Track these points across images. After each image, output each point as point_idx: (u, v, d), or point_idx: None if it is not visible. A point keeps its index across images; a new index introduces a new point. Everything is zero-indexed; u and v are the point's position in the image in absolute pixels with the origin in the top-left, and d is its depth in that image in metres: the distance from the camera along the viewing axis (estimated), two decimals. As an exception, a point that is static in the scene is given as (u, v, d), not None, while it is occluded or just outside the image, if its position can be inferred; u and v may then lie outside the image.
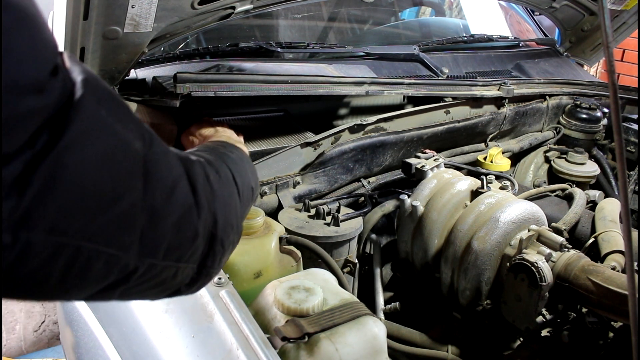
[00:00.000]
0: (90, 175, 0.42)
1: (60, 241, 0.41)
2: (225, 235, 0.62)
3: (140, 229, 0.48)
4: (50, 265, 0.42)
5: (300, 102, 1.49)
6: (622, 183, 0.58)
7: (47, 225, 0.40)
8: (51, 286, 0.44)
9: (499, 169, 1.60)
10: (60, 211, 0.41)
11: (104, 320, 0.93)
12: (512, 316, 1.10)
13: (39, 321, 2.58)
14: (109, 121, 0.45)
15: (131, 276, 0.49)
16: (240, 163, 0.79)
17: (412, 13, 2.74)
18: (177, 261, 0.54)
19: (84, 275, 0.45)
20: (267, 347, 0.70)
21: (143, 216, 0.47)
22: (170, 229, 0.51)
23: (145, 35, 1.05)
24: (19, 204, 0.38)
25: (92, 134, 0.42)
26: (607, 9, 0.56)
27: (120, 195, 0.45)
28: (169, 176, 0.52)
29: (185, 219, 0.53)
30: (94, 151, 0.43)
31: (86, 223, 0.43)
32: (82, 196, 0.42)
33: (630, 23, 2.13)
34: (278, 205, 1.27)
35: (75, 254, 0.43)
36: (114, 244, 0.46)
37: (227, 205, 0.64)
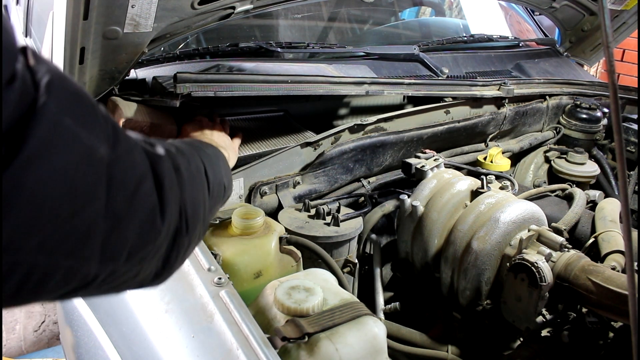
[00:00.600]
0: (50, 192, 0.39)
1: (14, 259, 0.38)
2: (192, 228, 0.61)
3: (102, 236, 0.45)
4: (5, 281, 0.39)
5: (300, 102, 1.49)
6: (622, 183, 0.58)
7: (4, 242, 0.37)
8: (5, 299, 0.41)
9: (499, 169, 1.60)
10: (15, 230, 0.38)
11: (104, 320, 0.93)
12: (512, 316, 1.10)
13: (39, 321, 2.58)
14: (73, 129, 0.41)
15: (91, 283, 0.47)
16: (214, 159, 0.78)
17: (412, 13, 2.74)
18: (139, 262, 0.52)
19: (40, 289, 0.42)
20: (267, 347, 0.70)
21: (105, 224, 0.45)
22: (132, 233, 0.49)
23: (145, 35, 1.05)
24: None
25: (54, 147, 0.39)
26: (607, 9, 0.56)
27: (82, 208, 0.42)
28: (133, 177, 0.49)
29: (149, 220, 0.51)
30: (56, 165, 0.39)
31: (43, 239, 0.40)
32: (39, 214, 0.39)
33: (630, 23, 2.13)
34: (278, 205, 1.27)
35: (30, 270, 0.40)
36: (73, 256, 0.43)
37: (196, 198, 0.63)
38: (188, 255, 0.64)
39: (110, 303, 0.91)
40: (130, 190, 0.48)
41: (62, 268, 0.42)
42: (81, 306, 1.02)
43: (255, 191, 1.23)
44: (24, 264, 0.39)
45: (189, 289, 0.81)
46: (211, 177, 0.72)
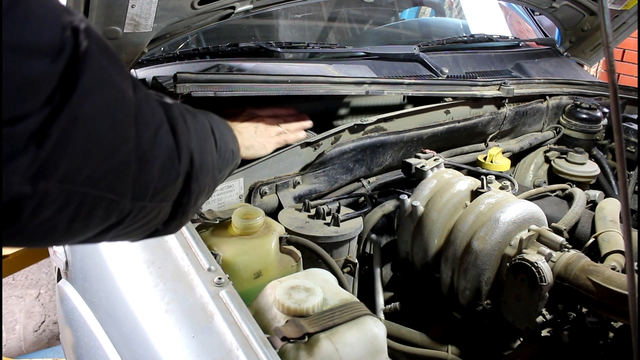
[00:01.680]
0: (97, 126, 0.45)
1: (71, 189, 0.45)
2: (202, 175, 0.65)
3: (133, 174, 0.51)
4: (61, 212, 0.45)
5: (300, 102, 1.49)
6: (622, 183, 0.58)
7: (60, 175, 0.43)
8: (60, 232, 0.47)
9: (499, 169, 1.60)
10: (72, 161, 0.44)
11: (104, 320, 0.93)
12: (512, 316, 1.10)
13: (39, 321, 2.58)
14: (109, 71, 0.47)
15: (125, 219, 0.53)
16: (220, 124, 0.82)
17: (412, 13, 2.74)
18: (161, 202, 0.58)
19: (88, 221, 0.49)
20: (267, 347, 0.70)
21: (135, 163, 0.51)
22: (156, 173, 0.55)
23: (145, 35, 1.05)
24: (37, 156, 0.40)
25: (98, 86, 0.45)
26: (607, 9, 0.56)
27: (120, 144, 0.48)
28: (153, 120, 0.54)
29: (169, 161, 0.57)
30: (100, 102, 0.45)
31: (92, 171, 0.46)
32: (90, 145, 0.45)
33: (630, 23, 2.13)
34: (278, 205, 1.27)
35: (82, 200, 0.46)
36: (113, 190, 0.49)
37: (203, 148, 0.68)
38: (199, 204, 0.69)
39: (111, 303, 0.91)
40: (152, 132, 0.54)
41: (105, 200, 0.49)
42: (81, 306, 1.02)
43: (255, 191, 1.23)
44: (77, 195, 0.45)
45: (189, 289, 0.81)
46: (217, 136, 0.76)
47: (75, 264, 1.09)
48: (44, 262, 2.78)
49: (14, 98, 0.38)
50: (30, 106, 0.39)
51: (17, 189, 0.40)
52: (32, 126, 0.39)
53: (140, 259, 0.88)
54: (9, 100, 0.38)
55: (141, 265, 0.87)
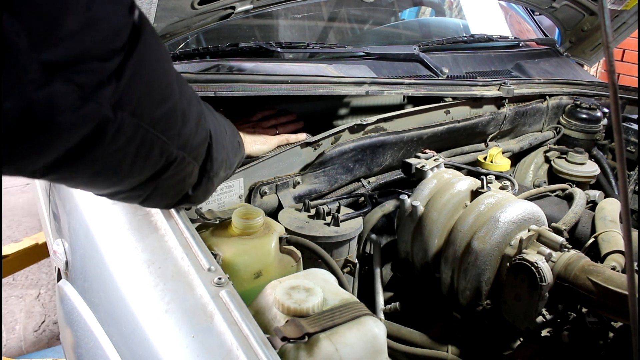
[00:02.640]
0: (155, 72, 0.58)
1: (138, 123, 0.56)
2: (219, 148, 0.77)
3: (179, 125, 0.63)
4: (130, 143, 0.57)
5: (300, 102, 1.49)
6: (622, 183, 0.58)
7: (132, 108, 0.55)
8: (126, 165, 0.59)
9: (499, 169, 1.60)
10: (140, 98, 0.56)
11: (104, 320, 0.93)
12: (512, 316, 1.10)
13: (39, 321, 2.58)
14: (157, 36, 0.60)
15: (170, 165, 0.65)
16: (225, 120, 0.93)
17: (412, 13, 2.75)
18: (194, 159, 0.70)
19: (147, 157, 0.61)
20: (267, 347, 0.70)
21: (180, 115, 0.63)
22: (192, 130, 0.67)
23: (145, 35, 1.05)
24: (117, 88, 0.52)
25: (153, 42, 0.57)
26: (607, 9, 0.56)
27: (169, 94, 0.61)
28: (187, 87, 0.68)
29: (199, 123, 0.70)
30: (156, 54, 0.58)
31: (152, 111, 0.58)
32: (150, 88, 0.57)
33: (630, 23, 2.13)
34: (278, 205, 1.27)
35: (145, 136, 0.58)
36: (165, 134, 0.61)
37: (216, 128, 0.79)
38: (220, 175, 0.83)
39: (111, 303, 0.91)
40: (188, 96, 0.67)
41: (160, 141, 0.61)
42: (81, 306, 1.02)
43: (255, 191, 1.23)
44: (142, 129, 0.57)
45: (189, 289, 0.81)
46: (228, 129, 0.88)
47: (75, 264, 1.09)
48: (44, 262, 2.78)
49: (107, 40, 0.50)
50: (115, 47, 0.51)
51: (105, 113, 0.52)
52: (115, 64, 0.51)
53: (140, 259, 0.88)
54: (105, 40, 0.50)
55: (141, 265, 0.87)
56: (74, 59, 0.48)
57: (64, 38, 0.46)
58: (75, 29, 0.47)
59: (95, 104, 0.50)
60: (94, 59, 0.49)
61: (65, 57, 0.47)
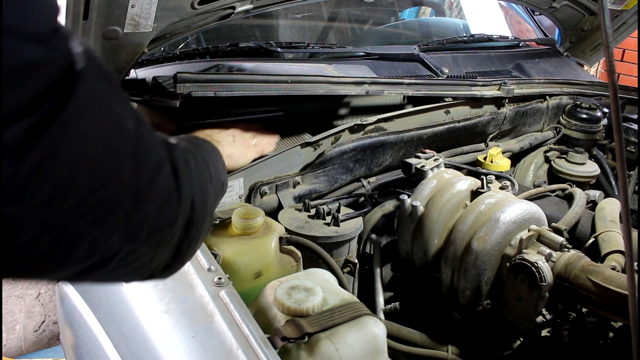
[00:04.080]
0: (88, 152, 0.41)
1: (50, 218, 0.40)
2: (201, 221, 0.62)
3: (125, 211, 0.46)
4: (37, 242, 0.40)
5: (300, 102, 1.49)
6: (622, 183, 0.58)
7: (40, 200, 0.38)
8: (33, 264, 0.42)
9: (499, 169, 1.60)
10: (55, 187, 0.39)
11: (104, 320, 0.93)
12: (512, 316, 1.10)
13: (39, 321, 2.58)
14: (108, 96, 0.43)
15: (112, 260, 0.48)
16: (213, 155, 0.79)
17: (412, 13, 2.75)
18: (156, 246, 0.53)
19: (67, 256, 0.44)
20: (267, 347, 0.70)
21: (129, 199, 0.46)
22: (153, 213, 0.50)
23: (145, 35, 1.05)
24: (15, 175, 0.36)
25: (93, 108, 0.41)
26: (607, 9, 0.56)
27: (112, 176, 0.44)
28: (155, 158, 0.50)
29: (167, 203, 0.52)
30: (94, 126, 0.41)
31: (78, 202, 0.41)
32: (77, 173, 0.40)
33: (630, 23, 2.13)
34: (278, 205, 1.27)
35: (62, 232, 0.41)
36: (100, 226, 0.44)
37: (204, 192, 0.64)
38: (197, 248, 0.65)
39: (111, 303, 0.91)
40: (152, 170, 0.49)
41: (90, 236, 0.44)
42: (81, 306, 1.02)
43: (255, 191, 1.23)
44: (57, 225, 0.40)
45: (189, 289, 0.81)
46: (213, 173, 0.72)
47: (75, 264, 1.09)
48: (44, 262, 2.78)
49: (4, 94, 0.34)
50: (7, 109, 0.34)
51: None
52: (14, 137, 0.35)
53: (140, 259, 0.88)
54: None
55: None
56: None
57: None
58: None
59: None
60: None
61: None
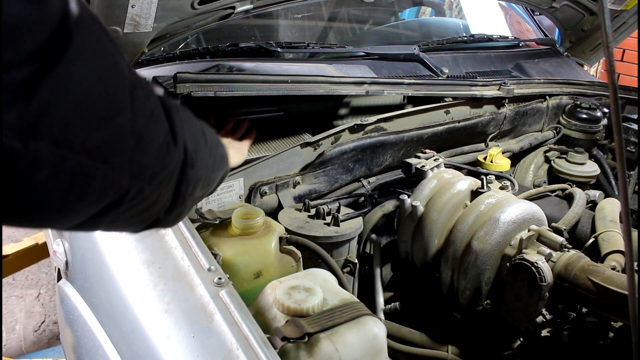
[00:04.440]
0: (91, 89, 0.44)
1: (65, 154, 0.42)
2: (197, 164, 0.65)
3: (130, 150, 0.49)
4: (56, 178, 0.43)
5: (300, 102, 1.49)
6: (622, 183, 0.58)
7: (53, 136, 0.41)
8: (55, 204, 0.45)
9: (499, 169, 1.60)
10: (65, 123, 0.41)
11: (104, 320, 0.93)
12: (512, 316, 1.10)
13: (39, 321, 2.58)
14: (104, 40, 0.46)
15: (123, 198, 0.51)
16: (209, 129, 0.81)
17: (412, 13, 2.75)
18: (159, 185, 0.56)
19: (84, 193, 0.47)
20: (267, 347, 0.70)
21: (131, 138, 0.49)
22: (153, 154, 0.53)
23: (145, 35, 1.05)
24: (25, 110, 0.38)
25: (92, 50, 0.44)
26: (607, 9, 0.56)
27: (114, 114, 0.46)
28: (149, 101, 0.53)
29: (164, 143, 0.55)
30: (94, 67, 0.44)
31: (86, 138, 0.44)
32: (83, 109, 0.43)
33: (630, 23, 2.13)
34: (278, 205, 1.27)
35: (76, 168, 0.44)
36: (109, 163, 0.47)
37: (195, 139, 0.66)
38: (196, 195, 0.68)
39: (111, 303, 0.91)
40: (148, 112, 0.52)
41: (101, 172, 0.47)
42: (81, 306, 1.02)
43: (255, 191, 1.23)
44: (71, 160, 0.43)
45: (189, 289, 0.81)
46: (208, 135, 0.75)
47: (75, 264, 1.09)
48: (44, 262, 2.78)
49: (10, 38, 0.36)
50: (15, 53, 0.37)
51: (7, 143, 0.38)
52: (20, 77, 0.37)
53: (140, 259, 0.88)
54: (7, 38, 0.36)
55: (141, 266, 0.87)
56: None
57: None
58: None
59: None
60: None
61: None
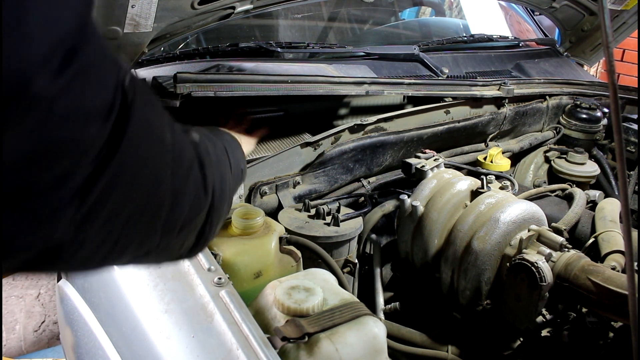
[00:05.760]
0: (140, 174, 0.46)
1: (110, 230, 0.45)
2: (220, 205, 0.66)
3: (166, 212, 0.51)
4: (99, 249, 0.46)
5: (300, 102, 1.49)
6: (622, 183, 0.58)
7: (101, 221, 0.43)
8: (94, 263, 0.49)
9: (499, 169, 1.60)
10: (114, 208, 0.44)
11: (104, 320, 0.93)
12: (512, 316, 1.10)
13: (39, 321, 2.58)
14: (151, 119, 0.47)
15: (153, 251, 0.54)
16: (232, 143, 0.84)
17: (412, 13, 2.75)
18: (187, 235, 0.59)
19: (122, 253, 0.50)
20: (267, 347, 0.70)
21: (168, 200, 0.51)
22: (186, 207, 0.55)
23: (145, 35, 1.05)
24: (80, 209, 0.40)
25: (141, 137, 0.45)
26: (607, 9, 0.56)
27: (156, 187, 0.49)
28: (187, 159, 0.55)
29: (197, 195, 0.58)
30: (143, 153, 0.45)
31: (131, 214, 0.47)
32: (132, 193, 0.45)
33: (630, 23, 2.13)
34: (278, 205, 1.27)
35: (118, 238, 0.47)
36: (146, 230, 0.50)
37: (223, 178, 0.69)
38: (217, 230, 0.70)
39: (111, 303, 0.91)
40: (186, 170, 0.55)
41: (139, 238, 0.50)
42: (81, 306, 1.02)
43: (255, 191, 1.23)
44: (115, 233, 0.46)
45: (189, 289, 0.81)
46: (232, 159, 0.77)
47: (75, 264, 1.09)
48: (44, 262, 2.78)
49: (56, 163, 0.37)
50: (76, 167, 0.38)
51: (59, 237, 0.40)
52: (76, 183, 0.38)
53: (140, 259, 0.88)
54: (50, 165, 0.36)
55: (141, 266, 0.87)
56: (17, 190, 0.35)
57: None
58: None
59: (47, 230, 0.39)
60: (45, 188, 0.37)
61: None
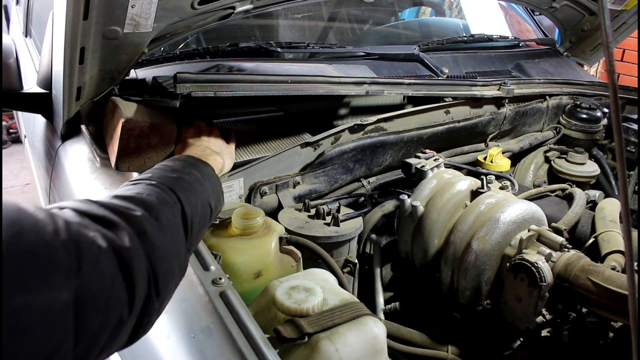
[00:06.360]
0: None
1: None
2: (164, 287, 0.65)
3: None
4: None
5: (300, 102, 1.49)
6: (622, 183, 0.58)
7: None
8: None
9: (499, 169, 1.60)
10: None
11: (104, 320, 0.93)
12: (512, 316, 1.10)
13: (39, 321, 2.57)
14: (24, 303, 0.43)
15: None
16: (196, 186, 0.81)
17: (412, 13, 2.75)
18: (109, 349, 0.57)
19: None
20: (267, 347, 0.70)
21: (79, 349, 0.49)
22: (104, 339, 0.54)
23: (145, 35, 1.04)
24: None
25: (17, 330, 0.42)
26: (607, 9, 0.56)
27: (52, 355, 0.45)
28: (103, 286, 0.53)
29: (118, 320, 0.56)
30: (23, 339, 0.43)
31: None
32: None
33: (630, 23, 2.13)
34: (278, 205, 1.27)
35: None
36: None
37: (168, 255, 0.67)
38: (161, 312, 0.68)
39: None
40: (103, 302, 0.53)
41: None
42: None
43: (255, 191, 1.23)
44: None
45: (189, 289, 0.81)
46: (189, 213, 0.75)
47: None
48: (44, 262, 2.78)
49: None
50: None
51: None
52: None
53: (140, 259, 0.88)
54: None
55: None
56: None
57: None
58: None
59: None
60: None
61: None
